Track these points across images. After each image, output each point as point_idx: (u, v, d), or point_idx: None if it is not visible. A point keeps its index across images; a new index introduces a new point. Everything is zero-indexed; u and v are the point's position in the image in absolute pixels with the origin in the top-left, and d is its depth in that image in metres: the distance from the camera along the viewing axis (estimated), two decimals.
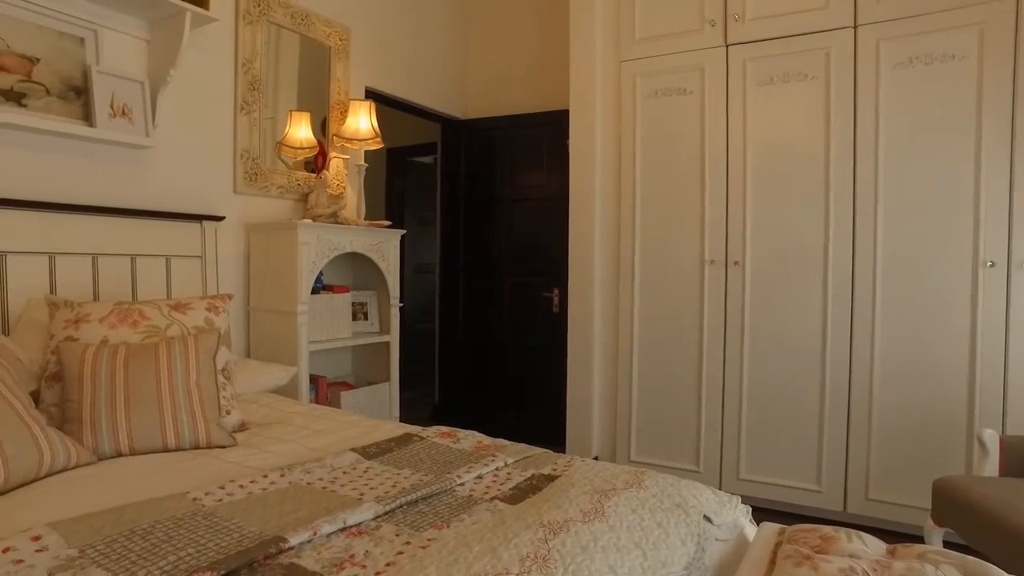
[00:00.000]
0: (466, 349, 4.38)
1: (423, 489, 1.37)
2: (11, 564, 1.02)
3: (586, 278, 3.39)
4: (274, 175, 2.98)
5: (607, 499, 1.35)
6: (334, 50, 3.32)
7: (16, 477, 1.40)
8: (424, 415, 4.31)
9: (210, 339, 1.92)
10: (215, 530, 1.16)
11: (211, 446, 1.77)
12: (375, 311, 3.18)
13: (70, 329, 1.88)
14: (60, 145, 2.27)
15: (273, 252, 2.75)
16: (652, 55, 3.14)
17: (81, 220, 2.28)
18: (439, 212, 4.56)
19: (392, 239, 3.15)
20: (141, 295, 2.44)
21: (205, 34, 2.66)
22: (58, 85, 2.26)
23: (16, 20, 2.15)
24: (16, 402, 1.49)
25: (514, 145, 4.19)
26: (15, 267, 2.11)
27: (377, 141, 3.10)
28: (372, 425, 2.00)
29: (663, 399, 3.18)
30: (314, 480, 1.46)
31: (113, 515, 1.20)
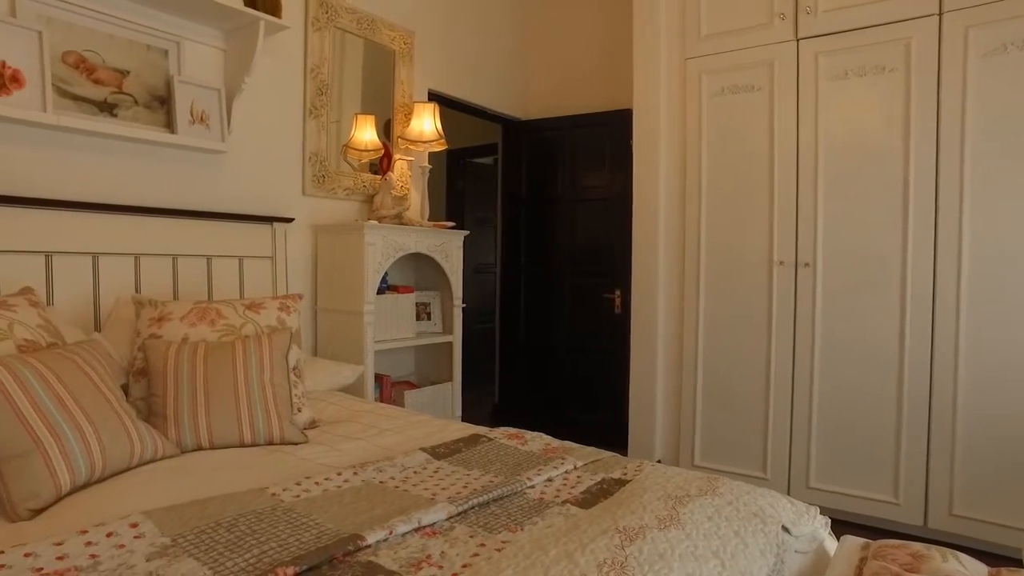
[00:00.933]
0: (526, 350, 4.38)
1: (494, 491, 1.37)
2: (114, 548, 1.07)
3: (650, 279, 3.34)
4: (340, 177, 3.05)
5: (682, 506, 1.32)
6: (398, 53, 3.37)
7: (111, 466, 1.48)
8: (484, 415, 4.33)
9: (283, 338, 1.97)
10: (294, 525, 1.18)
11: (284, 442, 1.82)
12: (438, 311, 3.22)
13: (154, 327, 1.96)
14: (145, 151, 2.38)
15: (340, 253, 2.81)
16: (718, 52, 3.07)
17: (163, 223, 2.38)
18: (499, 213, 4.57)
19: (455, 240, 3.18)
20: (216, 294, 2.54)
21: (276, 42, 2.74)
22: (144, 95, 2.37)
23: (110, 36, 2.27)
24: (111, 396, 1.57)
25: (576, 145, 4.17)
26: (106, 268, 2.22)
27: (441, 143, 3.13)
28: (439, 425, 2.01)
29: (728, 403, 3.10)
30: (386, 479, 1.48)
31: (199, 507, 1.24)
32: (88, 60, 2.23)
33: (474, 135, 5.21)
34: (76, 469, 1.40)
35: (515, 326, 4.43)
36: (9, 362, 1.42)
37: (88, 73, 2.23)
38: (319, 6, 2.96)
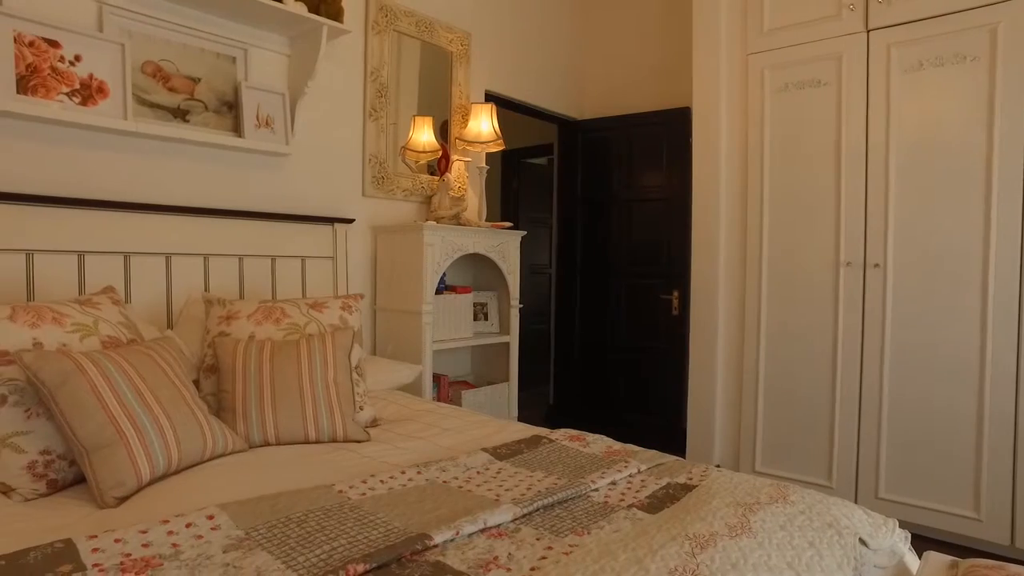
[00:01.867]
0: (582, 350, 4.35)
1: (558, 493, 1.36)
2: (193, 538, 1.10)
3: (709, 281, 3.26)
4: (399, 178, 3.09)
5: (752, 513, 1.28)
6: (455, 55, 3.39)
7: (186, 459, 1.53)
8: (538, 416, 4.32)
9: (346, 337, 2.00)
10: (362, 523, 1.20)
11: (347, 440, 1.85)
12: (495, 311, 3.22)
13: (223, 325, 2.02)
14: (214, 155, 2.46)
15: (399, 253, 2.85)
16: (782, 46, 2.98)
17: (230, 224, 2.45)
18: (555, 213, 4.55)
19: (513, 240, 3.18)
20: (279, 294, 2.60)
21: (337, 46, 2.80)
22: (214, 101, 2.45)
23: (184, 46, 2.36)
24: (185, 391, 1.62)
25: (632, 144, 4.12)
26: (177, 268, 2.31)
27: (498, 143, 3.14)
28: (499, 426, 2.01)
29: (791, 409, 3.00)
30: (449, 479, 1.48)
31: (270, 501, 1.27)
32: (164, 69, 2.32)
33: (528, 135, 5.21)
34: (155, 461, 1.45)
35: (570, 327, 4.41)
36: (96, 357, 1.48)
37: (164, 81, 2.32)
38: (379, 10, 3.00)
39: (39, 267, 2.01)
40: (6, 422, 1.41)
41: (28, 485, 1.40)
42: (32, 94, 1.98)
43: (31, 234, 1.99)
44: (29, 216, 1.99)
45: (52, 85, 2.02)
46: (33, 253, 2.00)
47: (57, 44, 2.04)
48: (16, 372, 1.45)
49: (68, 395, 1.40)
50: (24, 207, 1.98)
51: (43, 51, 2.01)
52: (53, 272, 2.04)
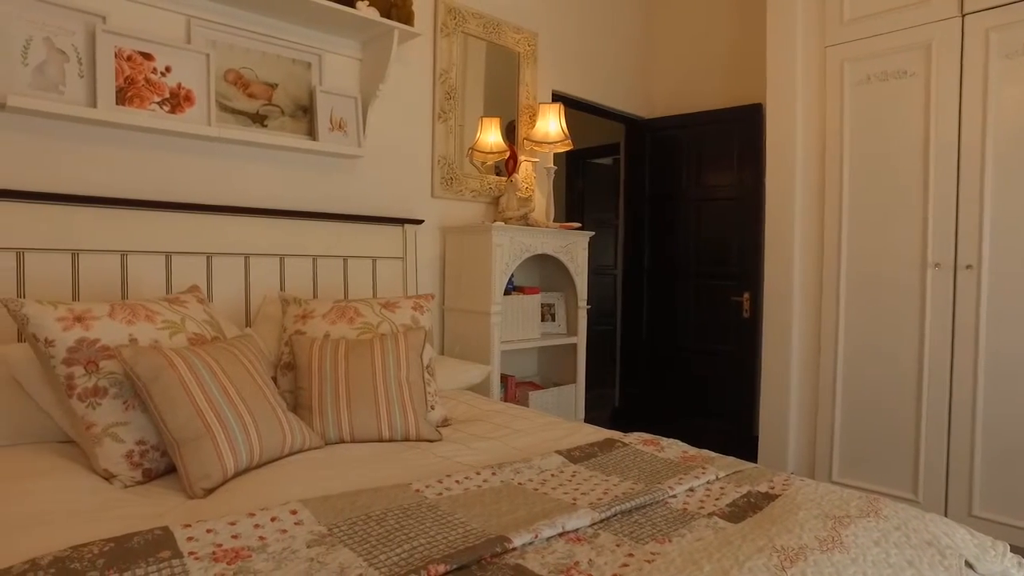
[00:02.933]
0: (648, 353, 4.28)
1: (636, 499, 1.33)
2: (278, 532, 1.13)
3: (783, 283, 3.15)
4: (467, 179, 3.11)
5: (843, 527, 1.21)
6: (523, 55, 3.39)
7: (267, 454, 1.57)
8: (603, 417, 4.27)
9: (418, 337, 2.03)
10: (441, 523, 1.20)
11: (419, 439, 1.86)
12: (562, 313, 3.21)
13: (299, 324, 2.08)
14: (289, 158, 2.53)
15: (468, 254, 2.87)
16: (864, 36, 2.84)
17: (304, 225, 2.52)
18: (622, 213, 4.50)
19: (581, 241, 3.15)
20: (351, 293, 2.66)
21: (407, 49, 2.84)
22: (290, 106, 2.52)
23: (262, 53, 2.44)
24: (266, 388, 1.67)
25: (702, 143, 4.02)
26: (255, 267, 2.39)
27: (566, 143, 3.12)
28: (570, 428, 1.99)
29: (873, 417, 2.86)
30: (524, 481, 1.47)
31: (350, 499, 1.29)
32: (244, 76, 2.41)
33: (593, 135, 5.16)
34: (239, 455, 1.50)
35: (636, 328, 4.34)
36: (184, 353, 1.54)
37: (244, 88, 2.41)
38: (447, 13, 3.03)
39: (131, 267, 2.11)
40: (108, 412, 1.49)
41: (127, 473, 1.47)
42: (129, 104, 2.09)
43: (126, 236, 2.10)
44: (124, 219, 2.10)
45: (146, 95, 2.12)
46: (127, 254, 2.11)
47: (151, 57, 2.14)
48: (116, 366, 1.53)
49: (160, 389, 1.47)
50: (120, 211, 2.09)
51: (139, 64, 2.11)
52: (143, 271, 2.14)
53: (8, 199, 1.89)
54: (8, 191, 1.89)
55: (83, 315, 1.57)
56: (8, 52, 1.90)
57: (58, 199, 1.97)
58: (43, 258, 1.96)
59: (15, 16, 1.91)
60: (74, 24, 2.02)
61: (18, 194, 1.90)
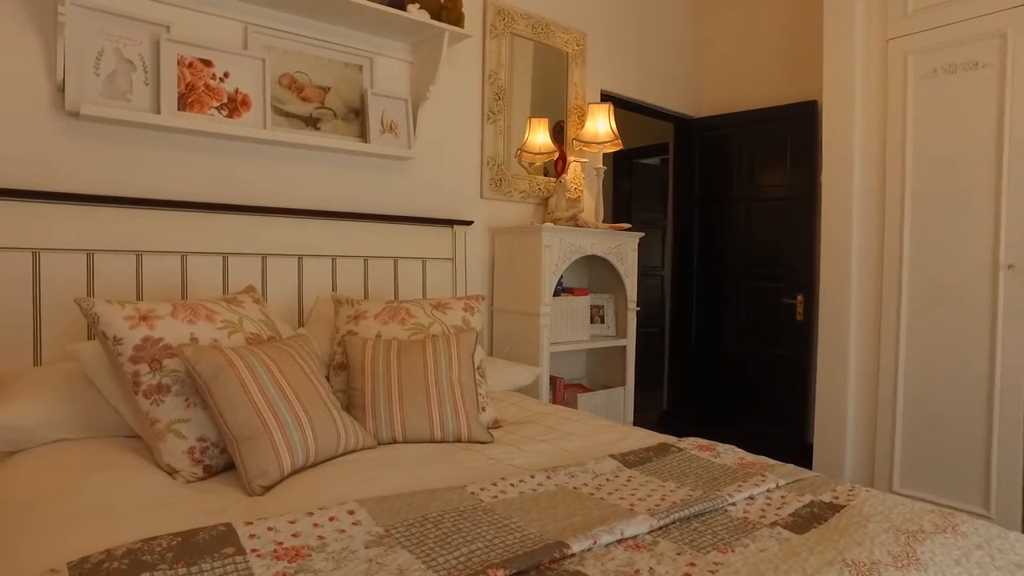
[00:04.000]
0: (698, 355, 4.20)
1: (695, 506, 1.30)
2: (337, 532, 1.14)
3: (840, 285, 3.05)
4: (516, 180, 3.10)
5: (917, 543, 1.16)
6: (571, 56, 3.37)
7: (321, 454, 1.59)
8: (651, 420, 4.21)
9: (469, 338, 2.02)
10: (497, 527, 1.19)
11: (471, 441, 1.86)
12: (611, 314, 3.17)
13: (351, 324, 2.10)
14: (341, 160, 2.56)
15: (517, 255, 2.86)
16: (930, 27, 2.73)
17: (356, 226, 2.55)
18: (670, 214, 4.43)
19: (631, 242, 3.11)
20: (400, 294, 2.68)
21: (457, 51, 2.85)
22: (342, 108, 2.56)
23: (315, 57, 2.48)
24: (321, 388, 1.69)
25: (753, 142, 3.93)
26: (308, 268, 2.43)
27: (616, 143, 3.08)
28: (623, 432, 1.96)
29: (937, 427, 2.74)
30: (579, 485, 1.45)
31: (406, 500, 1.29)
32: (298, 80, 2.45)
33: (641, 136, 5.10)
34: (295, 453, 1.52)
35: (685, 331, 4.27)
36: (243, 353, 1.57)
37: (298, 92, 2.45)
38: (496, 14, 3.03)
39: (190, 267, 2.17)
40: (171, 409, 1.53)
41: (188, 468, 1.50)
42: (189, 109, 2.14)
43: (185, 237, 2.16)
44: (184, 221, 2.16)
45: (205, 100, 2.18)
46: (186, 255, 2.17)
47: (210, 63, 2.20)
48: (178, 364, 1.57)
49: (220, 387, 1.50)
50: (181, 213, 2.15)
51: (199, 70, 2.17)
52: (202, 272, 2.20)
53: (80, 203, 1.97)
54: (80, 195, 1.97)
55: (148, 314, 1.62)
56: (83, 64, 1.97)
57: (124, 202, 2.04)
58: (110, 259, 2.03)
59: (91, 29, 1.99)
60: (141, 34, 2.09)
61: (89, 198, 1.98)
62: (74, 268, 1.97)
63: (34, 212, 1.90)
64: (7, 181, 1.90)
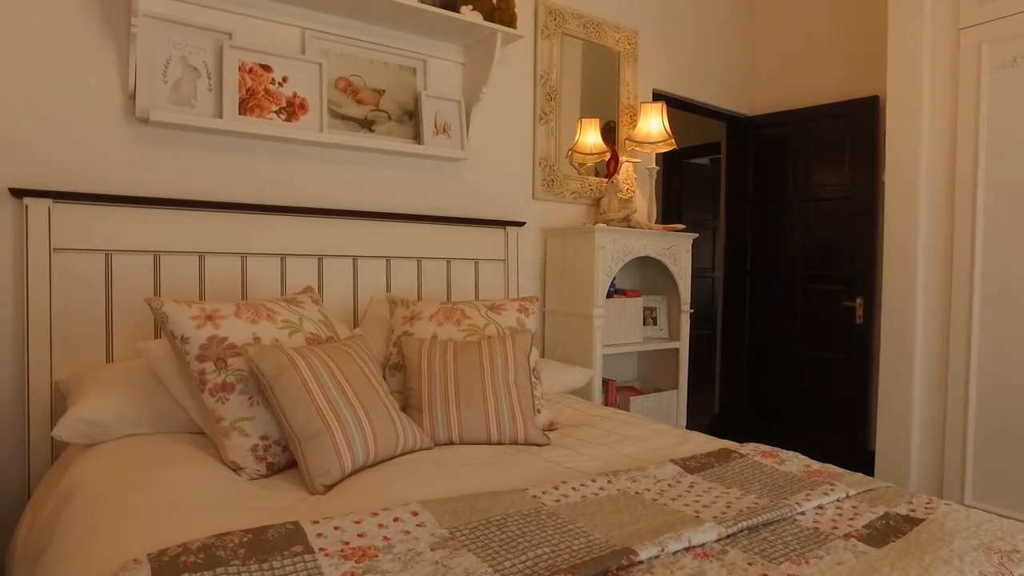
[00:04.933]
0: (751, 358, 4.10)
1: (763, 514, 1.26)
2: (402, 533, 1.14)
3: (904, 288, 2.93)
4: (568, 181, 3.08)
5: (1013, 564, 1.09)
6: (623, 55, 3.33)
7: (380, 454, 1.60)
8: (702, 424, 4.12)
9: (525, 339, 2.01)
10: (562, 531, 1.17)
11: (527, 443, 1.85)
12: (664, 316, 3.12)
13: (407, 325, 2.11)
14: (395, 162, 2.59)
15: (570, 256, 2.84)
16: (1009, 14, 2.59)
17: (409, 227, 2.57)
18: (723, 214, 4.34)
19: (684, 243, 3.06)
20: (453, 295, 2.69)
21: (509, 52, 2.84)
22: (396, 111, 2.58)
23: (370, 61, 2.51)
24: (379, 388, 1.71)
25: (809, 140, 3.81)
26: (363, 269, 2.45)
27: (669, 143, 3.03)
28: (681, 436, 1.92)
29: (1014, 433, 2.60)
30: (641, 490, 1.43)
31: (469, 502, 1.28)
32: (354, 83, 2.48)
33: (691, 135, 5.01)
34: (355, 453, 1.53)
35: (738, 333, 4.17)
36: (304, 352, 1.60)
37: (353, 95, 2.48)
38: (548, 14, 3.02)
39: (250, 268, 2.22)
40: (235, 408, 1.56)
41: (252, 466, 1.53)
42: (250, 114, 2.19)
43: (245, 239, 2.21)
44: (244, 223, 2.21)
45: (265, 105, 2.23)
46: (246, 256, 2.22)
47: (270, 68, 2.24)
48: (241, 363, 1.60)
49: (283, 386, 1.52)
50: (241, 215, 2.20)
51: (259, 75, 2.22)
52: (260, 272, 2.24)
53: (148, 206, 2.03)
54: (148, 199, 2.03)
55: (213, 314, 1.66)
56: (152, 72, 2.04)
57: (188, 205, 2.10)
58: (175, 259, 2.09)
59: (159, 39, 2.05)
60: (205, 42, 2.15)
61: (156, 201, 2.04)
62: (142, 269, 2.04)
63: (107, 215, 1.97)
64: (83, 185, 1.97)
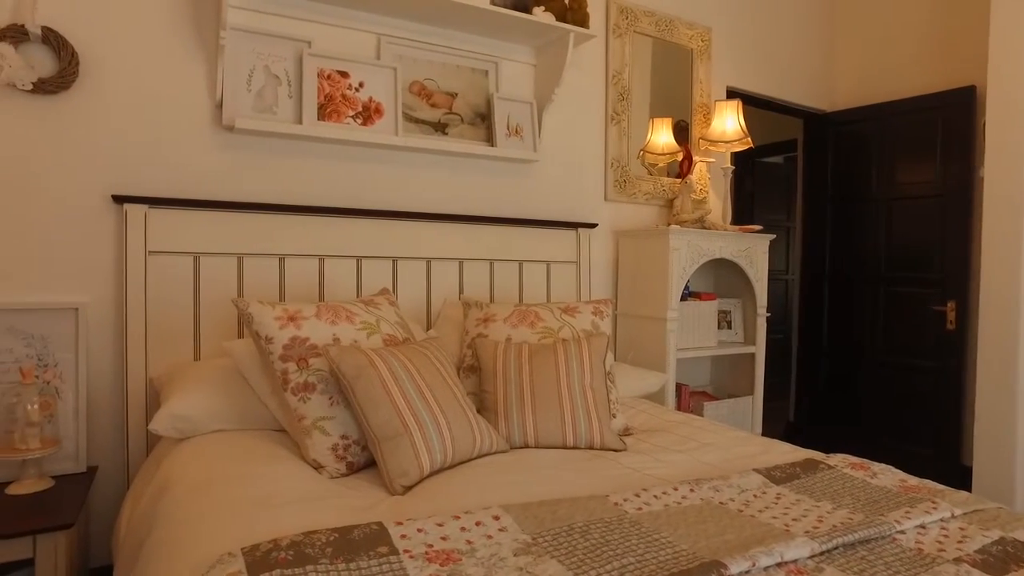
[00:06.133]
0: (830, 364, 3.93)
1: (859, 531, 1.19)
2: (484, 538, 1.13)
3: (1006, 291, 2.73)
4: (640, 182, 3.03)
5: None
6: (696, 52, 3.25)
7: (458, 456, 1.60)
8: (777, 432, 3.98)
9: (600, 343, 1.98)
10: (647, 541, 1.14)
11: (603, 448, 1.82)
12: (739, 320, 3.03)
13: (481, 327, 2.11)
14: (467, 165, 2.60)
15: (643, 258, 2.79)
16: None
17: (481, 230, 2.58)
18: (798, 214, 4.17)
19: (761, 245, 2.96)
20: (525, 297, 2.68)
21: (581, 52, 2.81)
22: (469, 113, 2.59)
23: (443, 64, 2.54)
24: (456, 390, 1.71)
25: (895, 135, 3.62)
26: (436, 271, 2.48)
27: (745, 142, 2.94)
28: (762, 444, 1.85)
29: None
30: (726, 500, 1.38)
31: (550, 507, 1.27)
32: (427, 87, 2.51)
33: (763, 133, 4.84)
34: (433, 455, 1.54)
35: (815, 338, 4.00)
36: (383, 354, 1.62)
37: (427, 99, 2.51)
38: (619, 13, 2.98)
39: (327, 270, 2.27)
40: (316, 407, 1.59)
41: (332, 464, 1.56)
42: (328, 119, 2.25)
43: (322, 241, 2.26)
44: (321, 226, 2.26)
45: (342, 110, 2.28)
46: (324, 258, 2.27)
47: (347, 74, 2.30)
48: (322, 363, 1.64)
49: (363, 387, 1.54)
50: (318, 218, 2.26)
51: (336, 82, 2.27)
52: (337, 274, 2.30)
53: (232, 210, 2.11)
54: (232, 203, 2.11)
55: (295, 315, 1.70)
56: (238, 81, 2.13)
57: (269, 209, 2.17)
58: (256, 261, 2.17)
59: (244, 50, 2.14)
60: (286, 51, 2.22)
61: (239, 205, 2.12)
62: (226, 270, 2.12)
63: (195, 219, 2.06)
64: (175, 191, 2.07)
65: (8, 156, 1.87)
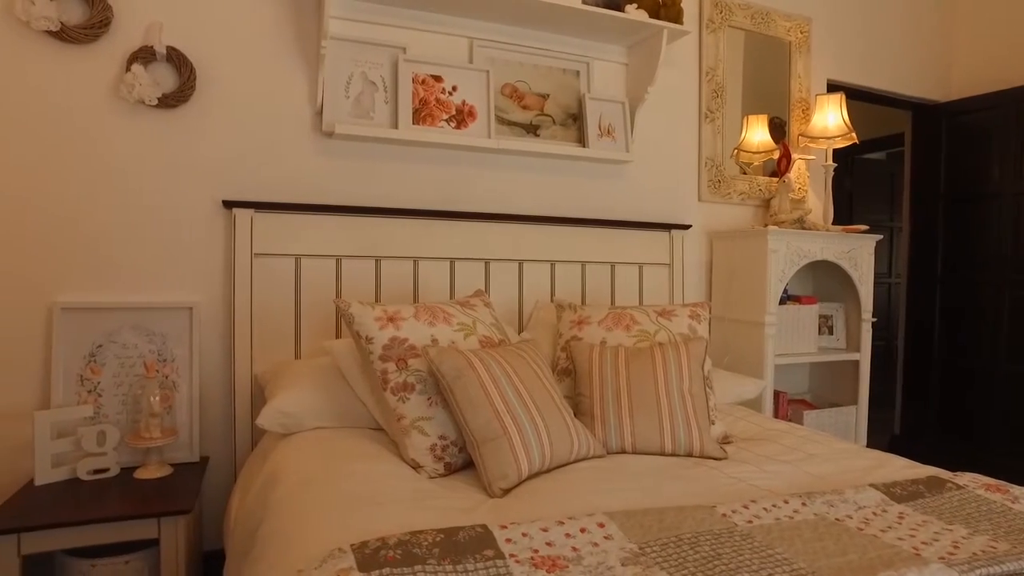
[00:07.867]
0: (941, 374, 3.66)
1: (1007, 562, 1.08)
2: (590, 545, 1.11)
3: None
4: (735, 181, 2.92)
5: None
6: (794, 45, 3.11)
7: (555, 459, 1.58)
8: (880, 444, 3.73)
9: (699, 347, 1.92)
10: (761, 557, 1.09)
11: (703, 456, 1.76)
12: (841, 325, 2.87)
13: (575, 329, 2.09)
14: (558, 166, 2.58)
15: (739, 260, 2.69)
16: None
17: (573, 232, 2.56)
18: (905, 213, 3.92)
19: (866, 246, 2.79)
20: (617, 300, 2.63)
21: (673, 49, 2.74)
22: (560, 114, 2.58)
23: (534, 66, 2.53)
24: (554, 393, 1.70)
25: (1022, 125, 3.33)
26: (528, 272, 2.47)
27: (849, 136, 2.78)
28: (876, 457, 1.74)
29: None
30: (842, 516, 1.29)
31: (656, 516, 1.23)
32: (519, 89, 2.51)
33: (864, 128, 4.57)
34: (532, 458, 1.52)
35: (924, 345, 3.74)
36: (481, 355, 1.62)
37: (518, 100, 2.51)
38: (713, 7, 2.89)
39: (421, 272, 2.31)
40: (415, 407, 1.62)
41: (431, 464, 1.58)
42: (422, 123, 2.29)
43: (417, 243, 2.30)
44: (416, 228, 2.31)
45: (436, 114, 2.31)
46: (418, 260, 2.31)
47: (440, 79, 2.33)
48: (420, 364, 1.66)
49: (462, 388, 1.55)
50: (413, 220, 2.30)
51: (431, 86, 2.31)
52: (430, 276, 2.33)
53: (330, 213, 2.18)
54: (331, 207, 2.18)
55: (394, 316, 1.73)
56: (336, 89, 2.20)
57: (366, 212, 2.23)
58: (353, 263, 2.23)
59: (343, 57, 2.21)
60: (382, 57, 2.27)
61: (338, 209, 2.19)
62: (325, 272, 2.19)
63: (297, 223, 2.14)
64: (279, 196, 2.16)
65: (135, 167, 2.01)
